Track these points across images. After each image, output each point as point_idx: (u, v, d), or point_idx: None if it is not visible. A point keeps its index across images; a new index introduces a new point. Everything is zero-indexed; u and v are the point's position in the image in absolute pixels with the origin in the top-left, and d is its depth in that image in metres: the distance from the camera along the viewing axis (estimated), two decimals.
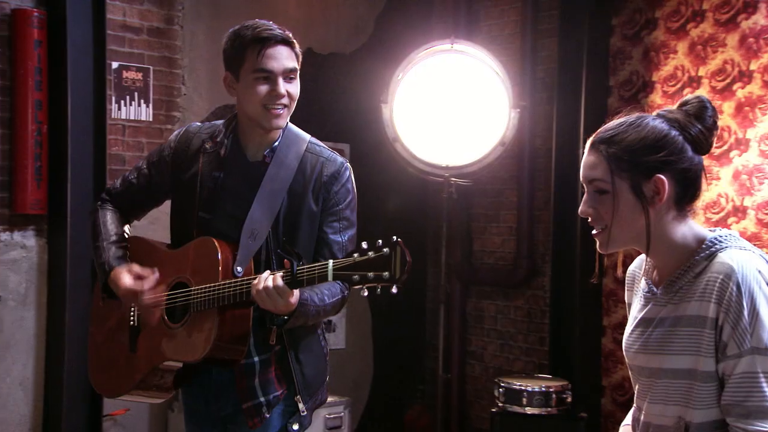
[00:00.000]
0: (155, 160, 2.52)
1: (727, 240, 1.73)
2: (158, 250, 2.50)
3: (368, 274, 2.08)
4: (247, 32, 2.34)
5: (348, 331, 5.50)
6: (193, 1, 4.78)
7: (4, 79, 4.08)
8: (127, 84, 4.50)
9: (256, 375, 2.39)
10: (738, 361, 1.64)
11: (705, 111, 1.75)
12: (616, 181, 1.72)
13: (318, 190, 2.39)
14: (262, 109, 2.33)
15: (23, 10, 4.08)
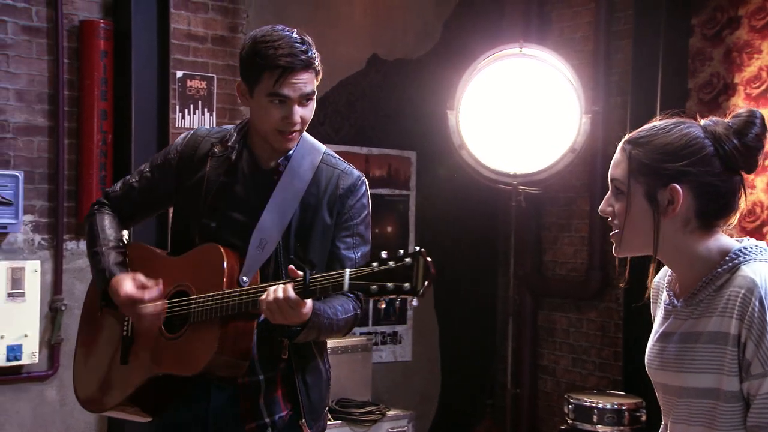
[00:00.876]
0: (160, 163, 2.40)
1: (752, 252, 1.64)
2: (158, 257, 2.40)
3: (387, 285, 1.97)
4: (269, 51, 2.19)
5: (414, 343, 5.39)
6: (257, 9, 4.75)
7: (72, 90, 4.11)
8: (191, 93, 4.49)
9: (261, 394, 2.27)
10: (763, 381, 1.56)
11: (749, 127, 1.64)
12: (631, 184, 1.67)
13: (333, 203, 2.30)
14: (273, 132, 2.23)
15: (90, 22, 4.11)
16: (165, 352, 2.25)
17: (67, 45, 4.10)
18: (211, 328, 2.17)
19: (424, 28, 5.41)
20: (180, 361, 2.20)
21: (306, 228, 2.28)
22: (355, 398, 4.53)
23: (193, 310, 2.20)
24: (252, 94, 2.24)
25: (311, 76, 2.24)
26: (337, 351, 4.50)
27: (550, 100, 4.57)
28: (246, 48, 2.26)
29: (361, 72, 5.15)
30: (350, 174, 2.34)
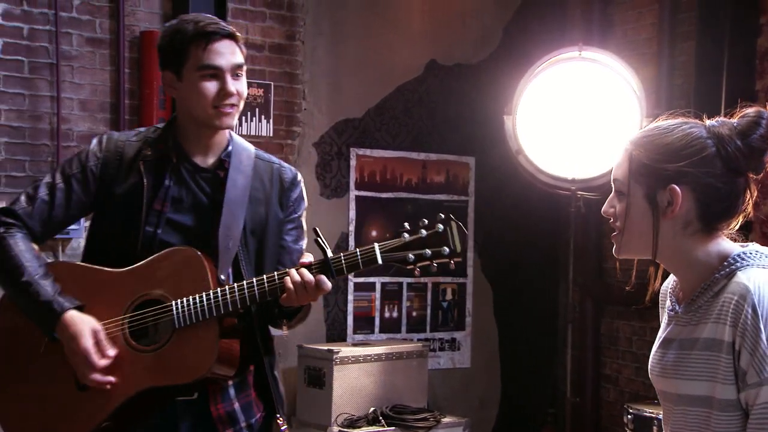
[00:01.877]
0: (76, 173, 2.22)
1: (751, 258, 1.59)
2: (99, 273, 2.19)
3: (425, 252, 2.06)
4: (189, 26, 2.16)
5: (473, 349, 5.35)
6: (314, 17, 4.79)
7: (132, 99, 4.22)
8: (248, 100, 4.55)
9: (234, 398, 2.23)
10: (759, 391, 1.51)
11: (754, 128, 1.59)
12: (632, 185, 1.64)
13: (281, 197, 2.31)
14: (211, 109, 2.16)
15: (151, 32, 4.21)
16: (150, 365, 2.13)
17: (129, 55, 4.20)
18: (204, 330, 2.11)
19: (483, 33, 5.38)
20: (176, 369, 2.11)
21: (260, 223, 2.26)
22: (410, 405, 4.52)
23: (180, 314, 2.11)
24: (180, 77, 2.18)
25: (237, 48, 2.20)
26: (392, 357, 4.50)
27: (609, 103, 4.48)
28: (164, 34, 2.23)
29: (418, 78, 5.15)
30: (288, 168, 2.36)
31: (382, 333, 5.01)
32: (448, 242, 2.06)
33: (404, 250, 2.06)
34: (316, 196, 4.78)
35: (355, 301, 4.93)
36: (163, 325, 2.14)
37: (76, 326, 2.10)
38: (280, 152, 4.67)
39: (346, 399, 4.31)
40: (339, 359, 4.29)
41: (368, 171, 4.96)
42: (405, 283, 5.09)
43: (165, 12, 4.31)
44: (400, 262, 2.07)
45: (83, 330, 2.10)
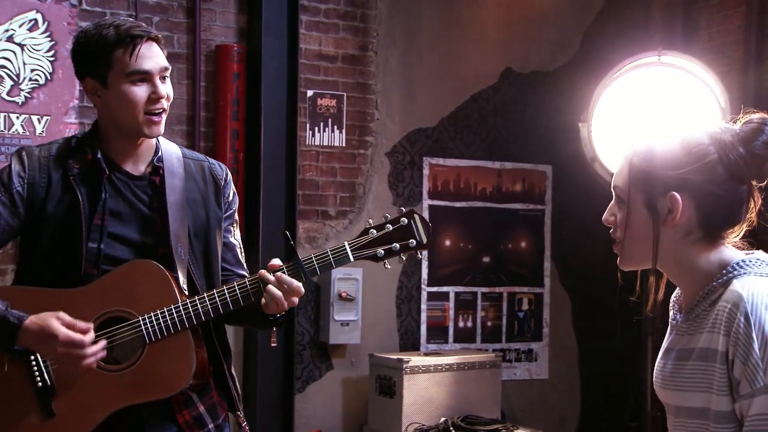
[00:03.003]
0: (3, 199, 2.09)
1: (749, 265, 1.55)
2: (51, 295, 2.07)
3: (393, 246, 2.13)
4: (109, 31, 2.05)
5: (551, 361, 5.27)
6: (387, 27, 4.82)
7: (207, 111, 4.33)
8: (321, 111, 4.61)
9: (199, 402, 2.18)
10: (752, 402, 1.45)
11: (757, 135, 1.54)
12: (632, 192, 1.60)
13: (218, 195, 2.26)
14: (141, 116, 2.07)
15: (225, 46, 4.32)
16: (124, 383, 2.06)
17: (204, 69, 4.31)
18: (177, 342, 2.06)
19: (561, 40, 5.31)
20: (153, 384, 2.06)
21: (202, 225, 2.21)
22: (482, 415, 4.47)
23: (150, 329, 2.05)
24: (105, 84, 2.08)
25: (161, 50, 2.12)
26: (463, 367, 4.47)
27: (689, 110, 4.35)
28: (82, 39, 2.11)
29: (493, 86, 5.11)
30: (218, 164, 2.31)
31: (456, 343, 4.98)
32: (414, 235, 2.14)
33: (373, 247, 2.12)
34: (388, 206, 4.79)
35: (429, 311, 4.92)
36: (131, 342, 2.07)
37: (41, 323, 1.99)
38: (352, 162, 4.72)
39: (417, 408, 4.30)
40: (409, 368, 4.29)
41: (441, 180, 4.95)
42: (479, 292, 5.05)
43: (240, 26, 4.42)
44: (370, 259, 2.13)
45: (50, 322, 1.99)
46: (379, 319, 4.74)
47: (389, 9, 4.81)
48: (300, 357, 4.55)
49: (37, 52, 4.01)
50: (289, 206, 4.36)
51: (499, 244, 5.12)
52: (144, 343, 2.07)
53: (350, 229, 4.71)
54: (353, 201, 4.73)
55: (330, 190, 4.66)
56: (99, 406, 2.06)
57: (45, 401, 2.06)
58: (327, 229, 4.66)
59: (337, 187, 4.68)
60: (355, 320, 4.53)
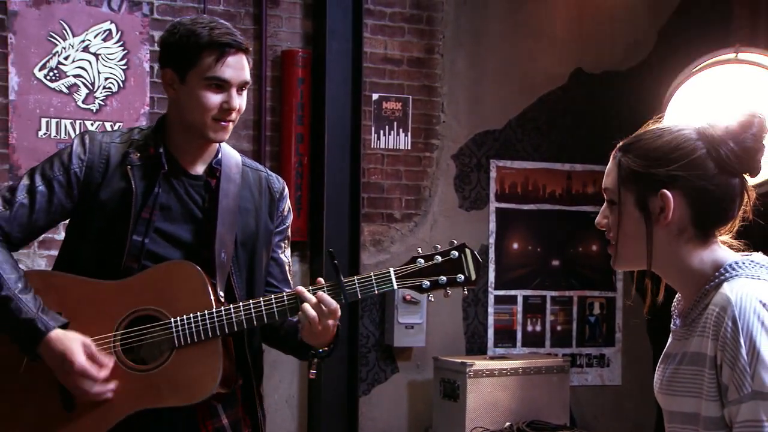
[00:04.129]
0: (58, 175, 2.07)
1: (742, 267, 1.51)
2: (85, 284, 2.05)
3: (440, 279, 2.06)
4: (203, 32, 2.04)
5: (624, 367, 5.15)
6: (453, 29, 4.81)
7: (273, 116, 4.40)
8: (386, 114, 4.63)
9: (223, 414, 2.13)
10: (739, 408, 1.42)
11: (746, 128, 1.51)
12: (622, 193, 1.58)
13: (272, 208, 2.22)
14: (209, 120, 2.06)
15: (290, 51, 4.38)
16: (148, 384, 2.03)
17: (271, 74, 4.39)
18: (206, 350, 2.02)
19: (635, 39, 5.19)
20: (177, 389, 2.02)
21: (250, 235, 2.16)
22: (550, 421, 4.41)
23: (180, 333, 2.02)
24: (184, 80, 2.06)
25: (247, 62, 2.11)
26: (530, 371, 4.42)
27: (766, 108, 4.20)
28: (175, 32, 2.08)
29: (562, 87, 5.04)
30: (276, 177, 2.28)
31: (524, 347, 4.92)
32: (463, 270, 2.07)
33: (419, 277, 2.06)
34: (454, 209, 4.78)
35: (496, 314, 4.88)
36: (159, 343, 2.04)
37: (64, 344, 1.97)
38: (418, 165, 4.72)
39: (481, 413, 4.27)
40: (473, 372, 4.26)
41: (509, 182, 4.91)
42: (549, 296, 4.99)
43: (305, 31, 4.48)
44: (414, 289, 2.06)
45: (73, 347, 1.97)
46: (446, 323, 4.73)
47: (455, 11, 4.80)
48: (365, 359, 4.57)
49: (111, 61, 4.16)
50: (353, 209, 4.39)
51: (569, 247, 5.04)
52: (172, 346, 2.03)
53: (415, 232, 4.72)
54: (419, 204, 4.73)
55: (395, 193, 4.68)
56: (120, 404, 2.02)
57: (67, 393, 2.02)
58: (392, 232, 4.68)
59: (402, 190, 4.69)
60: (420, 323, 4.53)
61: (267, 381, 4.34)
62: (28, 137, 3.99)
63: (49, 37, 4.04)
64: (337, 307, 2.02)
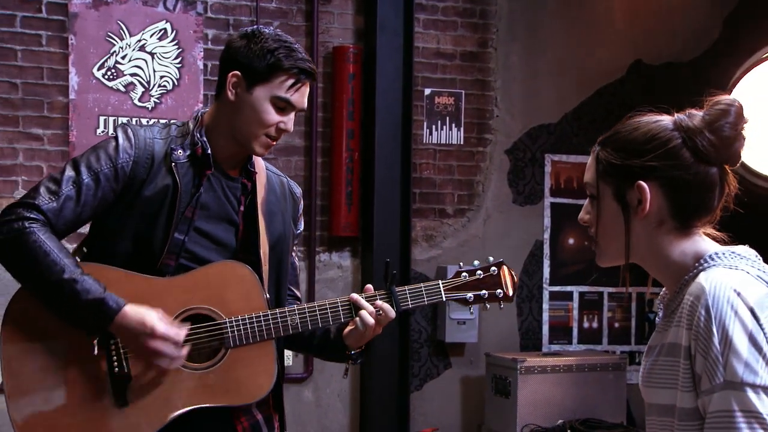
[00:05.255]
0: (105, 169, 2.05)
1: (721, 258, 1.49)
2: (136, 279, 2.05)
3: (482, 293, 2.18)
4: (282, 53, 2.06)
5: None
6: (507, 23, 4.76)
7: (324, 112, 4.43)
8: (438, 109, 4.62)
9: (257, 411, 2.17)
10: (711, 398, 1.40)
11: (724, 117, 1.47)
12: (601, 186, 1.57)
13: (294, 211, 2.27)
14: (260, 135, 2.08)
15: (341, 47, 4.41)
16: (202, 383, 2.05)
17: (322, 70, 4.42)
18: (261, 351, 2.07)
19: (697, 29, 5.06)
20: (233, 390, 2.06)
21: (279, 239, 2.20)
22: (605, 419, 4.33)
23: (236, 333, 2.05)
24: (250, 89, 2.08)
25: (309, 91, 2.15)
26: (583, 368, 4.35)
27: None
28: (257, 41, 2.08)
29: (620, 79, 4.94)
30: (293, 183, 2.32)
31: (580, 344, 4.85)
32: (501, 285, 2.20)
33: (464, 290, 2.18)
34: (508, 204, 4.73)
35: (551, 311, 4.81)
36: (212, 343, 2.07)
37: (141, 314, 1.98)
38: (471, 160, 4.69)
39: (533, 409, 4.22)
40: (524, 369, 4.21)
41: (564, 177, 4.84)
42: (606, 293, 4.90)
43: (357, 27, 4.49)
44: (459, 301, 2.19)
45: (152, 315, 1.98)
46: (500, 319, 4.69)
47: (509, 4, 4.75)
48: (417, 355, 4.57)
49: (166, 60, 4.24)
50: (403, 205, 4.39)
51: None
52: (226, 346, 2.06)
53: (468, 227, 4.69)
54: (471, 199, 4.70)
55: (447, 188, 4.66)
56: (174, 401, 2.04)
57: (120, 389, 2.03)
58: (444, 228, 4.66)
59: (454, 185, 4.67)
60: (472, 319, 4.50)
61: (319, 375, 4.39)
62: (87, 135, 4.11)
63: (108, 38, 4.15)
64: (394, 315, 2.11)
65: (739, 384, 1.37)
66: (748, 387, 1.37)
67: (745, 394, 1.37)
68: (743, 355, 1.37)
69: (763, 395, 1.37)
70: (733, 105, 1.51)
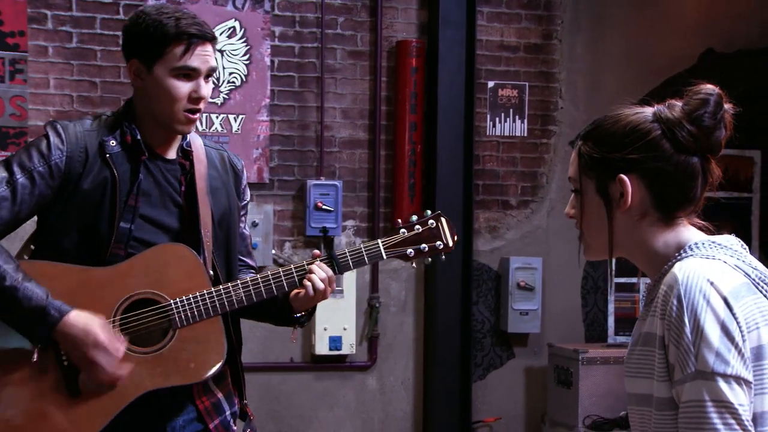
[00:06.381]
0: (39, 167, 2.05)
1: (701, 248, 1.48)
2: (78, 272, 2.06)
3: (422, 247, 2.21)
4: (170, 22, 2.05)
5: None
6: (572, 14, 4.75)
7: (388, 105, 4.52)
8: (502, 101, 4.64)
9: (216, 389, 2.20)
10: (683, 388, 1.40)
11: (703, 106, 1.47)
12: (583, 181, 1.57)
13: (237, 184, 2.27)
14: (179, 112, 2.08)
15: (405, 41, 4.48)
16: (154, 366, 2.07)
17: (386, 65, 4.50)
18: (208, 328, 2.09)
19: None
20: (184, 369, 2.07)
21: (224, 213, 2.22)
22: None
23: (182, 313, 2.07)
24: (150, 70, 2.07)
25: (213, 50, 2.12)
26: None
27: None
28: (140, 21, 2.09)
29: (690, 69, 4.87)
30: (234, 154, 2.32)
31: None
32: (441, 237, 2.22)
33: (404, 246, 2.21)
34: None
35: (616, 302, 4.78)
36: (160, 325, 2.08)
37: (85, 323, 2.00)
38: (534, 152, 4.70)
39: (595, 400, 4.23)
40: (586, 360, 4.22)
41: None
42: None
43: (420, 21, 4.56)
44: (400, 257, 2.21)
45: (94, 324, 2.00)
46: (564, 310, 4.69)
47: None
48: (480, 345, 4.62)
49: (235, 57, 4.40)
50: (466, 196, 4.44)
51: None
52: (174, 327, 2.07)
53: (531, 218, 4.70)
54: (535, 191, 4.72)
55: (511, 180, 4.68)
56: (127, 387, 2.04)
57: (71, 379, 2.04)
58: (508, 219, 4.69)
59: (518, 177, 4.69)
60: (535, 309, 4.53)
61: (383, 364, 4.49)
62: None
63: None
64: (333, 276, 2.18)
65: (710, 374, 1.37)
66: (719, 377, 1.37)
67: (716, 383, 1.37)
68: (714, 344, 1.37)
69: (735, 385, 1.37)
70: (712, 94, 1.51)
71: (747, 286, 1.45)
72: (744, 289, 1.44)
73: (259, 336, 4.34)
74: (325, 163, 4.44)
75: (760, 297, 1.45)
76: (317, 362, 4.39)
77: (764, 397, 1.42)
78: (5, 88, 4.12)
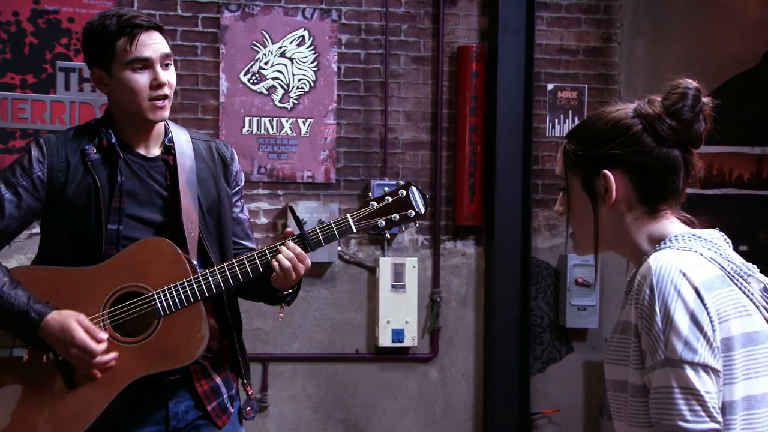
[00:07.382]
0: (22, 181, 2.19)
1: (679, 240, 1.53)
2: (67, 273, 2.20)
3: (393, 217, 2.24)
4: (111, 21, 2.16)
5: None
6: (632, 17, 4.84)
7: (449, 108, 4.70)
8: (561, 104, 4.77)
9: (215, 373, 2.31)
10: (653, 375, 1.44)
11: (682, 100, 1.52)
12: (569, 178, 1.62)
13: (226, 173, 2.38)
14: (145, 102, 2.18)
15: (466, 47, 4.66)
16: (141, 354, 2.18)
17: (447, 69, 4.69)
18: (190, 314, 2.18)
19: None
20: (170, 354, 2.18)
21: (213, 201, 2.31)
22: None
23: (164, 302, 2.17)
24: (110, 73, 2.18)
25: (163, 38, 2.20)
26: None
27: None
28: (86, 32, 2.21)
29: (753, 69, 4.90)
30: (223, 143, 2.43)
31: None
32: (412, 206, 2.25)
33: (374, 217, 2.24)
34: None
35: None
36: (146, 316, 2.19)
37: (61, 323, 2.12)
38: None
39: None
40: None
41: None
42: None
43: (482, 27, 4.72)
44: (372, 229, 2.26)
45: (70, 324, 2.12)
46: None
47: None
48: (539, 339, 4.76)
49: (304, 64, 4.65)
50: (525, 195, 4.59)
51: (759, 233, 4.90)
52: (158, 317, 2.17)
53: None
54: None
55: None
56: (118, 375, 2.16)
57: (67, 372, 2.17)
58: None
59: None
60: (593, 305, 4.64)
61: (444, 356, 4.68)
62: (235, 134, 4.58)
63: (253, 46, 4.60)
64: (304, 254, 2.22)
65: (678, 361, 1.41)
66: (687, 365, 1.41)
67: (684, 371, 1.40)
68: (683, 333, 1.41)
69: (702, 373, 1.41)
70: (690, 88, 1.56)
71: (721, 278, 1.48)
72: (718, 282, 1.47)
73: (326, 328, 4.59)
74: (388, 164, 4.65)
75: (734, 289, 1.49)
76: (381, 353, 4.62)
77: (733, 387, 1.45)
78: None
